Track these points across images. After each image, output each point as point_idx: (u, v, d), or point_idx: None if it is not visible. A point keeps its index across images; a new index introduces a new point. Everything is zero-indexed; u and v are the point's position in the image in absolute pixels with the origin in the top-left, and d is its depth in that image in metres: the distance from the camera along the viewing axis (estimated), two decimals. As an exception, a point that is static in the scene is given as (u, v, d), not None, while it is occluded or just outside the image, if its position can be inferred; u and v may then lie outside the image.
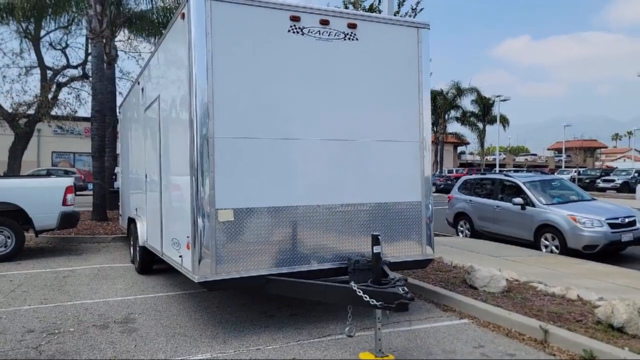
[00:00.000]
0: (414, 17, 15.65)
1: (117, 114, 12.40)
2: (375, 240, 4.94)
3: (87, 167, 37.89)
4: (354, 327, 4.92)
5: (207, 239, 5.17)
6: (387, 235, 6.03)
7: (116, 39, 18.91)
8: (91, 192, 15.56)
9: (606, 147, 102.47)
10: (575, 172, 45.69)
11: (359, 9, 16.28)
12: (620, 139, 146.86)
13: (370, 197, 6.01)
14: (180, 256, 5.74)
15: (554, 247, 11.06)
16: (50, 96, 21.82)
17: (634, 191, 33.97)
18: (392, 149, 6.15)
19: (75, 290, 7.62)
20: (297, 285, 5.30)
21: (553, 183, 13.01)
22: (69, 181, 10.51)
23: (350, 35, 5.90)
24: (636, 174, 39.20)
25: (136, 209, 9.25)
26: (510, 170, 33.63)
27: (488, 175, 14.51)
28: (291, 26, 5.62)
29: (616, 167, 56.62)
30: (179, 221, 5.95)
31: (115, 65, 19.12)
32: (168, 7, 15.76)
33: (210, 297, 7.09)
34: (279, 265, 5.48)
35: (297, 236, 5.62)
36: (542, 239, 11.34)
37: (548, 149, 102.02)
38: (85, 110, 25.05)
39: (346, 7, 16.42)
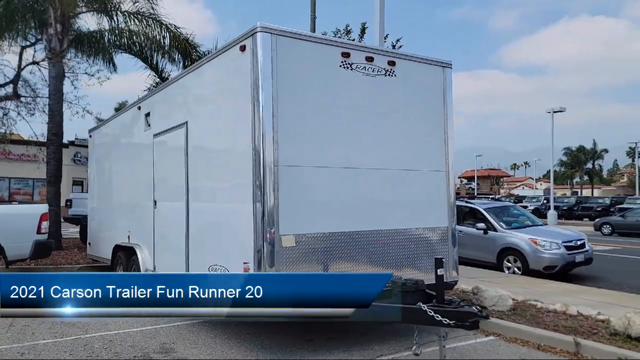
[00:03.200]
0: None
1: (89, 136, 11.91)
2: (439, 263, 5.30)
3: (1, 192, 35.26)
4: (420, 347, 5.22)
5: (271, 265, 5.28)
6: (420, 258, 6.42)
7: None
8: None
9: (509, 176, 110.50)
10: (491, 199, 48.82)
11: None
12: (517, 169, 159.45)
13: (407, 223, 6.40)
14: (231, 283, 5.75)
15: (516, 269, 11.97)
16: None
17: (544, 216, 36.92)
18: (424, 177, 6.60)
19: (80, 322, 7.26)
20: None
21: (508, 209, 14.09)
22: (43, 208, 9.96)
23: (390, 72, 6.32)
24: (545, 201, 42.69)
25: (128, 237, 8.97)
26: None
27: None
28: (342, 62, 5.95)
29: (517, 195, 61.62)
30: (226, 248, 5.98)
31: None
32: (126, 29, 15.35)
33: (232, 323, 7.04)
34: (336, 289, 5.67)
35: (347, 261, 5.86)
36: (505, 261, 12.24)
37: (459, 177, 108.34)
38: (15, 130, 23.47)
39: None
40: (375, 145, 6.24)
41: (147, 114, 8.32)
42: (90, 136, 11.90)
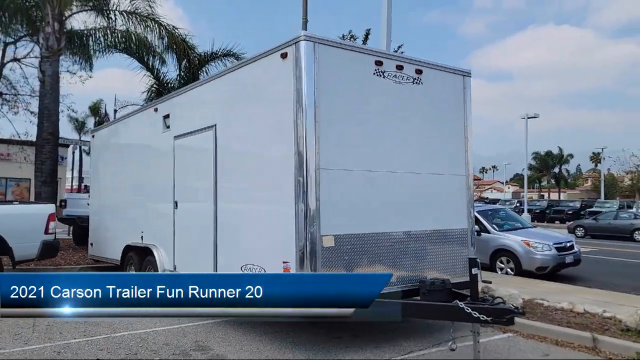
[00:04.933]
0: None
1: (91, 137, 11.86)
2: (474, 263, 5.61)
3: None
4: (456, 342, 5.50)
5: (313, 264, 5.49)
6: (444, 258, 6.73)
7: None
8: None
9: (479, 179, 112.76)
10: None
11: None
12: (486, 172, 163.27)
13: (432, 224, 6.69)
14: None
15: (509, 269, 12.44)
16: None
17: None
18: (446, 181, 6.91)
19: (104, 321, 7.30)
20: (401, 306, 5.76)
21: (499, 212, 14.60)
22: (51, 208, 9.91)
23: (417, 80, 6.61)
24: (518, 204, 43.93)
25: (142, 237, 9.02)
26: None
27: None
28: (375, 69, 6.21)
29: (488, 198, 63.32)
30: (262, 248, 6.16)
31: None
32: (123, 29, 15.29)
33: (255, 322, 7.16)
34: (372, 288, 5.92)
35: (381, 261, 6.12)
36: (498, 262, 12.71)
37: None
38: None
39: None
40: (403, 150, 6.52)
41: (166, 116, 8.40)
42: (93, 136, 11.84)
